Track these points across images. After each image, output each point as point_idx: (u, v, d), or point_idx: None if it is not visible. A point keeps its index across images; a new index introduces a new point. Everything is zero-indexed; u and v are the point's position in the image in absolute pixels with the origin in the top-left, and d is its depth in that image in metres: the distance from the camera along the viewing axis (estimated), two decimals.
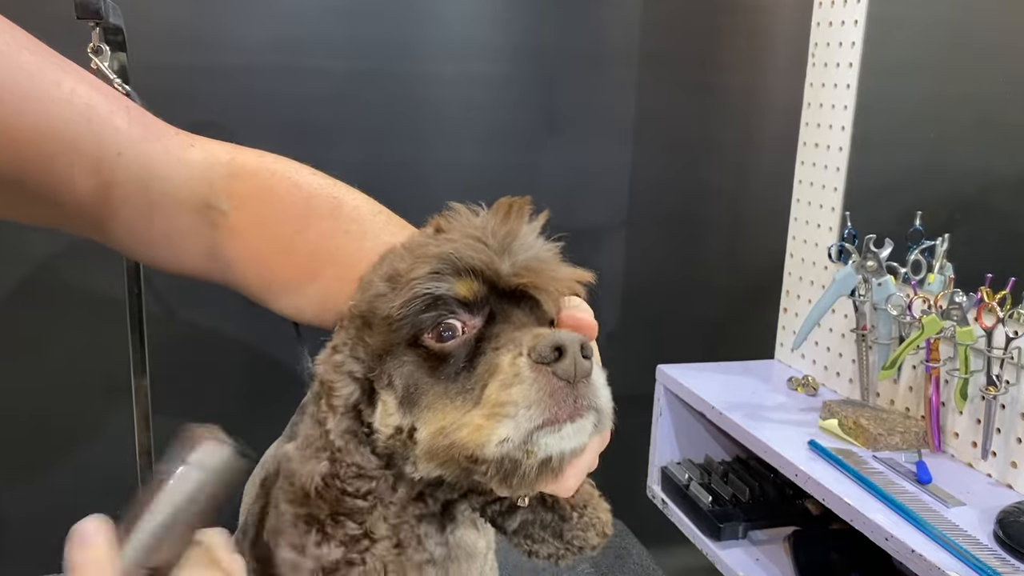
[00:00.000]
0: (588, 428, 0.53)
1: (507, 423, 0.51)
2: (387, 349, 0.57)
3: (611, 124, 1.81)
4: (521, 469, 0.53)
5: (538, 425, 0.52)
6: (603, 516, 0.68)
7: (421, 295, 0.54)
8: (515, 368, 0.53)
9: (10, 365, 1.55)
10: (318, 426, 0.60)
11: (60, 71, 0.63)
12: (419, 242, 0.59)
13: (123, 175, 0.66)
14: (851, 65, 1.51)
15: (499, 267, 0.56)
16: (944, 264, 1.31)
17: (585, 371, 0.53)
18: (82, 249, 1.51)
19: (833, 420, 1.34)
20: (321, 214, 0.72)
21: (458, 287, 0.55)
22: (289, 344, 0.79)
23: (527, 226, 0.58)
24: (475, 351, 0.55)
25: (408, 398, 0.56)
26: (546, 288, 0.58)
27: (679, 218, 1.90)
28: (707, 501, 1.48)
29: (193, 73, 1.53)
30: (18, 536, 1.62)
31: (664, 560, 1.53)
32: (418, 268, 0.55)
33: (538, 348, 0.52)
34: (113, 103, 0.66)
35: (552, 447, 0.52)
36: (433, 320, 0.55)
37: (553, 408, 0.52)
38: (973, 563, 0.97)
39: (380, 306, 0.56)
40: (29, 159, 0.61)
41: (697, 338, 1.91)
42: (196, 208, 0.71)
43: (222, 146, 0.72)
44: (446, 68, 1.68)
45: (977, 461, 1.23)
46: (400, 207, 0.80)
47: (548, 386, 0.52)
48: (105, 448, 1.62)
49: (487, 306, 0.56)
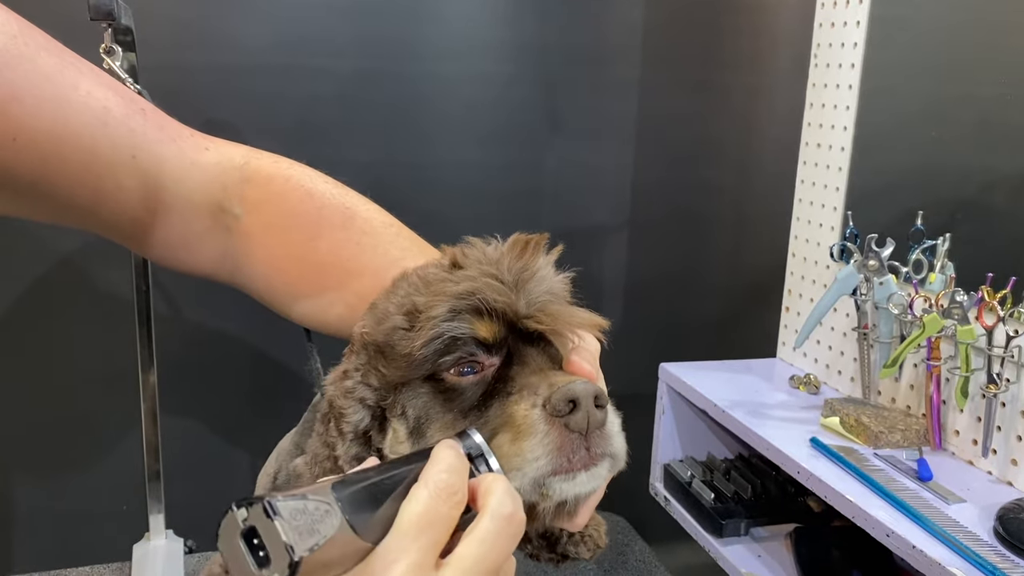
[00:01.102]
0: (603, 474, 0.55)
1: (515, 475, 0.52)
2: (402, 381, 0.57)
3: (614, 123, 1.82)
4: (536, 510, 0.54)
5: (546, 474, 0.52)
6: (595, 533, 0.70)
7: (442, 335, 0.55)
8: (528, 420, 0.53)
9: (19, 361, 1.56)
10: (327, 448, 0.61)
11: (77, 73, 0.63)
12: (436, 276, 0.59)
13: (138, 177, 0.66)
14: (853, 66, 1.51)
15: (518, 309, 0.57)
16: (945, 263, 1.31)
17: (598, 423, 0.53)
18: (91, 247, 1.52)
19: (835, 418, 1.35)
20: (333, 224, 0.72)
21: (479, 328, 0.56)
22: (295, 342, 0.80)
23: (542, 262, 0.59)
24: (491, 391, 0.56)
25: (419, 429, 0.57)
26: (563, 333, 0.59)
27: (681, 217, 1.91)
28: (709, 498, 1.49)
29: (198, 73, 1.54)
30: (30, 529, 1.63)
31: (666, 558, 1.54)
32: (438, 306, 0.55)
33: (553, 401, 0.53)
34: (129, 105, 0.66)
35: (567, 492, 0.53)
36: (454, 361, 0.55)
37: (562, 460, 0.53)
38: (973, 559, 0.98)
39: (399, 342, 0.57)
40: (46, 161, 0.61)
41: (700, 337, 1.93)
42: (210, 211, 0.71)
43: (237, 149, 0.72)
44: (449, 67, 1.69)
45: (978, 459, 1.24)
46: (403, 205, 0.81)
47: (559, 439, 0.53)
48: (113, 443, 1.63)
49: (505, 346, 0.57)
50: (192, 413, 1.66)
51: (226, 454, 1.70)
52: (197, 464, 1.68)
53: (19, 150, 0.59)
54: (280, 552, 0.39)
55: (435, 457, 0.48)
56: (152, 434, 1.43)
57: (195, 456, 1.68)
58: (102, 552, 1.46)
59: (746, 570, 1.37)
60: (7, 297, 1.53)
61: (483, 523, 0.46)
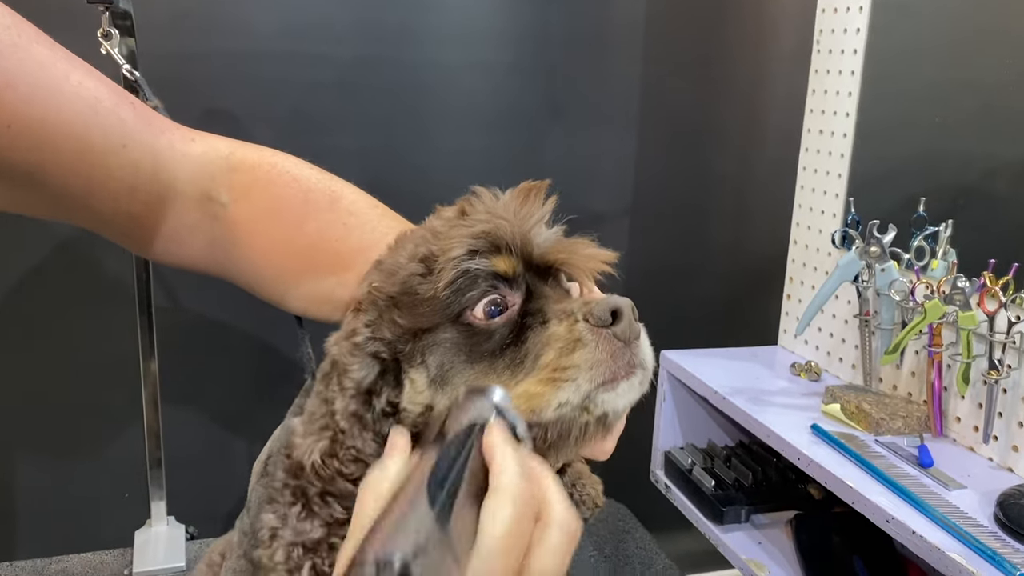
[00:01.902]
0: (637, 385, 0.57)
1: (568, 386, 0.54)
2: (423, 328, 0.58)
3: (615, 111, 1.82)
4: (575, 429, 0.55)
5: (599, 384, 0.54)
6: (592, 491, 0.72)
7: (466, 273, 0.56)
8: (575, 334, 0.55)
9: (18, 348, 1.57)
10: (324, 404, 0.60)
11: (69, 64, 0.64)
12: (448, 223, 0.60)
13: (129, 167, 0.67)
14: (856, 52, 1.51)
15: (534, 245, 0.59)
16: (947, 250, 1.31)
17: (637, 332, 0.56)
18: (90, 233, 1.52)
19: (836, 405, 1.35)
20: (320, 207, 0.73)
21: (498, 264, 0.57)
22: (295, 333, 0.80)
23: (545, 208, 0.61)
24: (521, 326, 0.57)
25: (441, 376, 0.57)
26: (578, 265, 0.61)
27: (682, 205, 1.91)
28: (710, 485, 1.49)
29: (196, 60, 1.54)
30: (32, 516, 1.64)
31: (667, 545, 1.54)
32: (456, 248, 0.56)
33: (595, 313, 0.55)
34: (119, 97, 0.67)
35: (609, 404, 0.55)
36: (479, 296, 0.56)
37: (613, 368, 0.55)
38: (973, 544, 0.98)
39: (419, 287, 0.57)
40: (39, 149, 0.62)
41: (701, 325, 1.92)
42: (198, 201, 0.72)
43: (222, 140, 0.74)
44: (449, 55, 1.68)
45: (979, 445, 1.24)
46: (403, 192, 0.81)
47: (609, 348, 0.55)
48: (114, 431, 1.64)
49: (524, 282, 0.58)
50: (193, 402, 1.67)
51: (227, 443, 1.71)
52: (198, 453, 1.68)
53: (13, 137, 0.60)
54: None
55: (500, 458, 0.47)
56: (153, 421, 1.43)
57: (196, 445, 1.68)
58: (104, 539, 1.46)
59: (746, 556, 1.37)
60: (7, 284, 1.53)
61: (553, 534, 0.46)
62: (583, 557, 1.44)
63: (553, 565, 0.46)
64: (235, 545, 0.81)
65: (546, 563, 0.46)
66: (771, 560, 1.37)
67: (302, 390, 0.79)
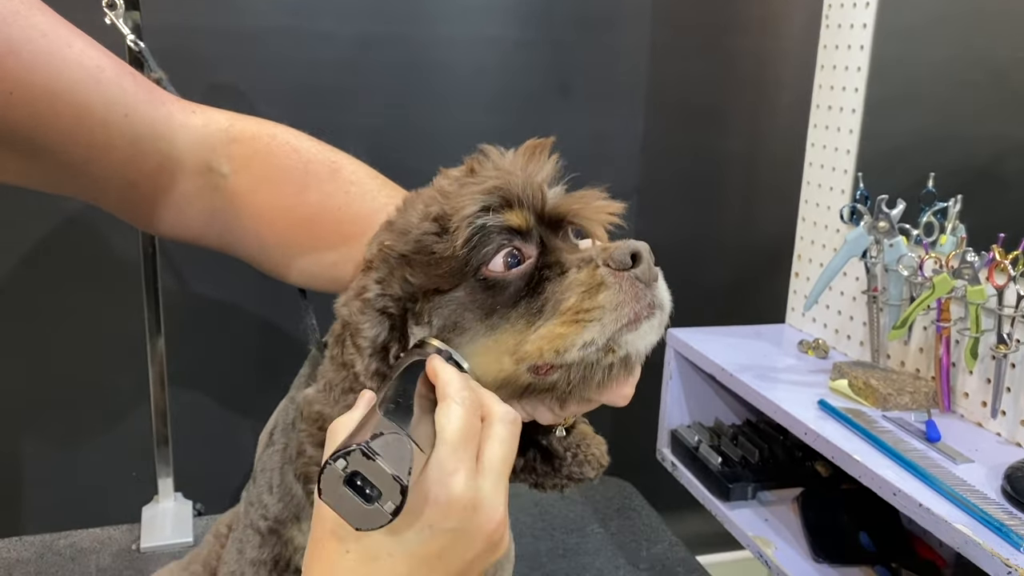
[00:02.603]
0: (657, 326, 0.58)
1: (594, 326, 0.56)
2: (434, 287, 0.58)
3: (622, 88, 1.80)
4: (599, 371, 0.57)
5: (624, 324, 0.56)
6: (597, 451, 0.72)
7: (482, 229, 0.57)
8: (597, 277, 0.57)
9: (27, 328, 1.57)
10: (343, 369, 0.60)
11: (71, 33, 0.65)
12: (458, 181, 0.61)
13: (129, 136, 0.67)
14: (865, 26, 1.49)
15: (546, 199, 0.60)
16: (956, 225, 1.30)
17: (656, 274, 0.58)
18: (95, 210, 1.52)
19: (843, 380, 1.35)
20: (321, 177, 0.74)
21: (512, 218, 0.58)
22: (298, 308, 0.80)
23: (551, 164, 0.62)
24: (538, 277, 0.59)
25: (453, 330, 0.58)
26: (591, 216, 0.63)
27: (690, 182, 1.89)
28: (716, 463, 1.49)
29: (202, 35, 1.53)
30: (41, 492, 1.65)
31: (674, 523, 1.54)
32: (469, 205, 0.57)
33: (616, 256, 0.57)
34: (121, 67, 0.68)
35: (632, 345, 0.57)
36: (495, 250, 0.57)
37: (636, 308, 0.56)
38: (980, 516, 0.97)
39: (434, 246, 0.58)
40: (41, 115, 0.62)
41: (708, 303, 1.91)
42: (199, 171, 0.72)
43: (222, 113, 0.74)
44: (455, 30, 1.67)
45: (987, 420, 1.23)
46: (408, 170, 0.81)
47: (632, 289, 0.56)
48: (122, 409, 1.64)
49: (538, 235, 0.60)
50: (200, 380, 1.67)
51: (234, 421, 1.71)
52: (206, 431, 1.69)
53: (15, 104, 0.60)
54: (389, 484, 0.45)
55: (445, 375, 0.53)
56: (160, 399, 1.43)
57: (203, 423, 1.69)
58: (112, 514, 1.47)
59: (753, 533, 1.37)
60: (15, 262, 1.54)
61: (497, 428, 0.53)
62: (589, 531, 1.44)
63: (503, 453, 0.52)
64: (241, 515, 0.81)
65: (496, 452, 0.52)
66: (778, 536, 1.37)
67: (307, 359, 0.79)
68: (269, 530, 0.73)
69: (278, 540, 0.72)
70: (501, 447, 0.52)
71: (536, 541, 1.40)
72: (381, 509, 0.45)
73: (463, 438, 0.50)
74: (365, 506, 0.45)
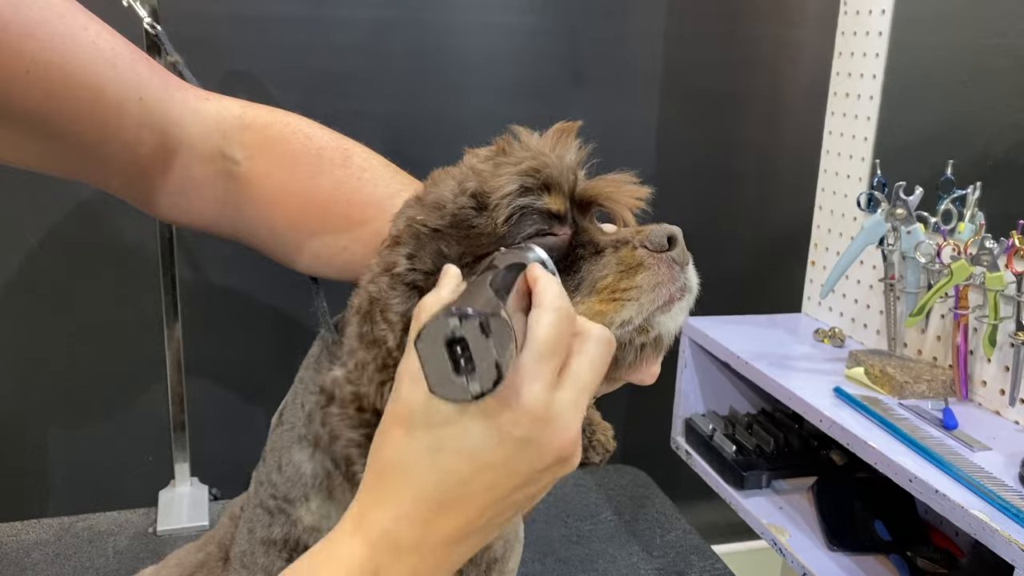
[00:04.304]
0: (686, 307, 0.60)
1: (632, 305, 0.57)
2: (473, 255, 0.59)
3: (638, 75, 1.79)
4: (631, 351, 0.58)
5: (659, 305, 0.57)
6: (603, 436, 0.74)
7: (519, 209, 0.58)
8: (635, 258, 0.58)
9: (46, 313, 1.59)
10: (375, 346, 0.59)
11: (87, 17, 0.65)
12: (490, 160, 0.62)
13: (142, 120, 0.68)
14: (884, 12, 1.48)
15: (578, 180, 0.61)
16: (975, 213, 1.29)
17: (689, 258, 0.60)
18: (112, 200, 1.53)
19: (859, 368, 1.34)
20: (334, 163, 0.74)
21: (551, 202, 0.59)
22: (311, 294, 0.80)
23: (579, 147, 0.64)
24: (572, 256, 0.60)
25: None
26: (621, 200, 0.64)
27: (706, 170, 1.88)
28: (731, 451, 1.49)
29: (219, 21, 1.53)
30: (58, 476, 1.67)
31: (688, 512, 1.54)
32: (508, 184, 0.59)
33: (652, 238, 0.59)
34: (136, 53, 0.68)
35: (664, 325, 0.59)
36: (533, 232, 0.59)
37: (671, 289, 0.58)
38: (997, 502, 0.97)
39: (473, 220, 0.59)
40: (56, 95, 0.62)
41: (724, 292, 1.90)
42: (211, 157, 0.73)
43: (235, 101, 0.75)
44: (471, 17, 1.67)
45: (1005, 408, 1.22)
46: (424, 157, 0.82)
47: (669, 271, 0.58)
48: (139, 394, 1.66)
49: (572, 217, 0.61)
50: (216, 366, 1.68)
51: (250, 407, 1.72)
52: (221, 417, 1.70)
53: (31, 84, 0.61)
54: (489, 368, 0.43)
55: (545, 280, 0.52)
56: (177, 384, 1.44)
57: (218, 409, 1.70)
58: (129, 498, 1.49)
59: (767, 521, 1.37)
60: (35, 248, 1.55)
61: (590, 346, 0.51)
62: (602, 519, 1.44)
63: (590, 374, 0.51)
64: (251, 495, 0.82)
65: (583, 368, 0.50)
66: (792, 525, 1.36)
67: (316, 340, 0.79)
68: (278, 509, 0.73)
69: (287, 519, 0.72)
70: (591, 366, 0.50)
71: (549, 527, 1.40)
72: (467, 386, 0.43)
73: (551, 348, 0.49)
74: (453, 374, 0.43)
